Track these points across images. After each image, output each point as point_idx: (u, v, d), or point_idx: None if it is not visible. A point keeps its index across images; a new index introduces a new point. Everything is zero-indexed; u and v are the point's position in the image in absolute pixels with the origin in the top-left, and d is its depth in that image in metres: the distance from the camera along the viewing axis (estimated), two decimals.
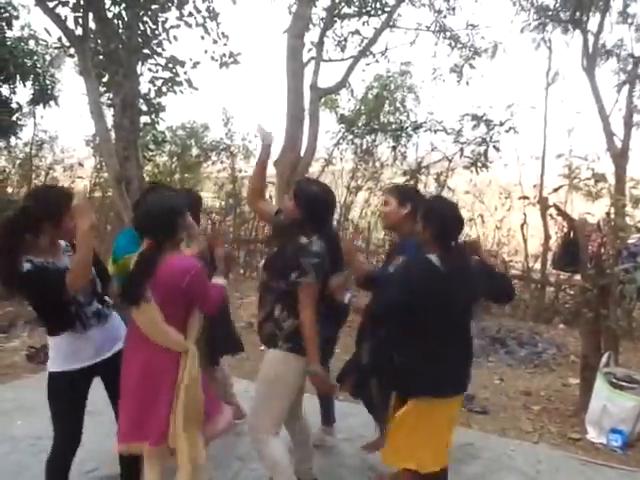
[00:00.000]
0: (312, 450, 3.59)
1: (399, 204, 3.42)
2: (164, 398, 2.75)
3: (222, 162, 14.08)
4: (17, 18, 10.65)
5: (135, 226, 2.83)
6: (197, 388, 2.81)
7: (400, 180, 11.83)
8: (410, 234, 3.29)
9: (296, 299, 2.95)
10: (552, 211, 9.19)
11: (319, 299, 3.00)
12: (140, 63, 8.16)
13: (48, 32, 8.41)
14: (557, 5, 10.53)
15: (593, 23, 10.48)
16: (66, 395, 2.96)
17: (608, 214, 5.73)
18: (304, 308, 2.93)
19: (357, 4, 9.79)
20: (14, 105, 11.34)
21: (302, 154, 8.29)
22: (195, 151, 14.05)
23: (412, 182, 11.47)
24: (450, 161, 11.12)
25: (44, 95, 11.73)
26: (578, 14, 10.23)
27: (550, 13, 10.56)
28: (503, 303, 3.30)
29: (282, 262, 3.05)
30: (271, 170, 9.80)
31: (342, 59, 9.98)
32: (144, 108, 8.62)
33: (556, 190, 10.15)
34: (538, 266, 10.22)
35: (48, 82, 11.74)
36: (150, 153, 11.52)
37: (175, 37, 8.44)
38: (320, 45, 9.27)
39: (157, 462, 2.86)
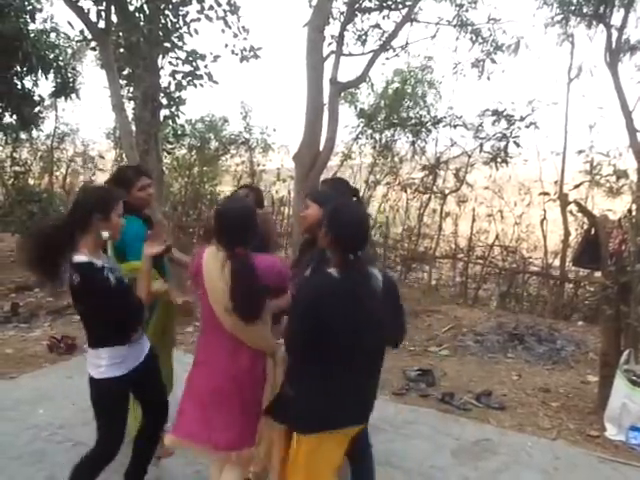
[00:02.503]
0: None
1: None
2: (253, 405, 2.81)
3: (241, 155, 14.15)
4: (40, 11, 10.74)
5: (228, 237, 2.72)
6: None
7: (419, 175, 11.83)
8: None
9: None
10: (572, 207, 9.12)
11: None
12: (161, 56, 8.21)
13: (71, 25, 8.50)
14: None
15: (617, 18, 10.34)
16: (124, 398, 2.98)
17: (630, 211, 5.67)
18: None
19: None
20: (36, 97, 11.44)
21: (321, 148, 8.28)
22: (214, 144, 14.09)
23: (431, 177, 11.47)
24: (470, 156, 11.07)
25: (66, 88, 11.82)
26: (602, 9, 10.09)
27: (573, 8, 10.43)
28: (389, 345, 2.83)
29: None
30: (290, 164, 9.85)
31: (362, 53, 9.91)
32: (164, 101, 8.66)
33: (577, 186, 10.05)
34: (557, 262, 10.15)
35: (70, 75, 11.82)
36: (170, 146, 11.59)
37: (196, 30, 8.47)
38: (340, 39, 9.22)
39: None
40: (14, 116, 11.19)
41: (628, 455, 4.30)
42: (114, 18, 7.54)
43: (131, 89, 8.69)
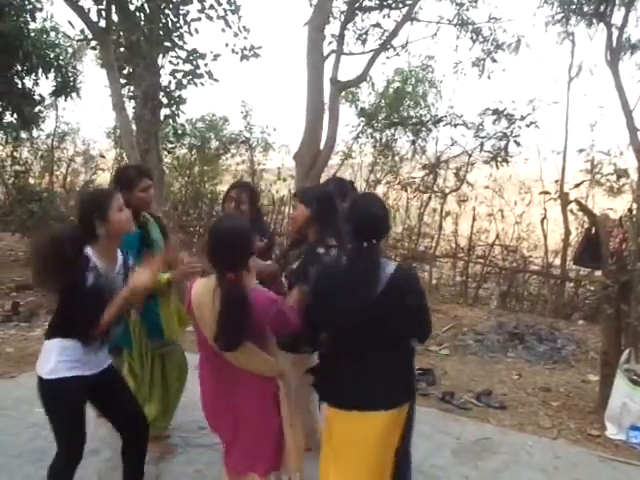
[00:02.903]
0: None
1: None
2: (271, 427, 2.70)
3: (241, 155, 14.16)
4: (40, 10, 10.73)
5: (218, 259, 2.58)
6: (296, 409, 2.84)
7: (419, 174, 11.83)
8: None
9: None
10: (573, 207, 9.11)
11: None
12: (161, 56, 8.22)
13: (71, 24, 8.51)
14: None
15: (618, 17, 10.34)
16: (76, 403, 2.84)
17: (630, 210, 5.66)
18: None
19: None
20: (36, 97, 11.44)
21: (321, 147, 8.28)
22: (214, 144, 14.10)
23: (431, 176, 11.48)
24: (470, 155, 11.07)
25: (66, 87, 11.82)
26: (602, 7, 10.09)
27: (574, 6, 10.43)
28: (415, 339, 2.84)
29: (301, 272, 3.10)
30: (291, 163, 9.86)
31: (362, 52, 9.94)
32: (165, 100, 8.67)
33: (577, 185, 10.05)
34: (558, 261, 10.15)
35: (70, 74, 11.82)
36: (170, 145, 11.59)
37: (196, 30, 8.49)
38: (340, 38, 9.24)
39: None
40: (14, 115, 11.19)
41: (628, 454, 4.29)
42: (115, 17, 7.55)
43: (131, 88, 8.69)
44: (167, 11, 8.12)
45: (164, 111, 8.73)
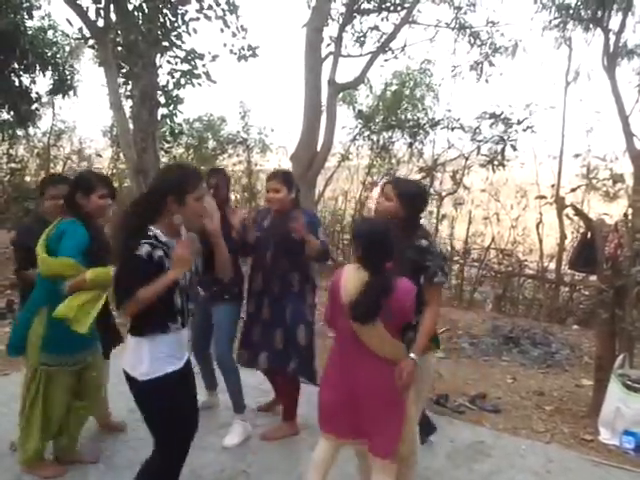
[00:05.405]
0: None
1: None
2: (397, 409, 2.87)
3: (238, 155, 14.15)
4: (38, 8, 10.73)
5: (371, 255, 2.82)
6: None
7: (416, 177, 11.84)
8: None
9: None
10: (569, 211, 9.13)
11: None
12: (159, 55, 8.21)
13: (70, 23, 8.52)
14: (578, 3, 10.43)
15: (615, 22, 10.38)
16: (179, 398, 2.67)
17: (626, 215, 5.67)
18: (433, 304, 3.15)
19: None
20: (33, 95, 11.42)
21: (318, 149, 8.28)
22: (212, 144, 14.09)
23: (428, 179, 11.49)
24: (467, 159, 11.09)
25: (63, 85, 11.82)
26: (600, 13, 10.12)
27: (571, 11, 10.46)
28: None
29: (408, 268, 3.11)
30: (288, 164, 9.85)
31: (360, 55, 9.95)
32: (162, 100, 8.66)
33: (573, 190, 10.07)
34: (553, 266, 10.17)
35: (67, 72, 11.83)
36: (167, 145, 11.59)
37: (194, 30, 8.48)
38: (339, 40, 9.25)
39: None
40: (11, 113, 11.17)
41: (621, 459, 4.29)
42: (113, 16, 7.53)
43: (129, 87, 8.68)
44: (165, 11, 8.12)
45: (162, 110, 8.73)
